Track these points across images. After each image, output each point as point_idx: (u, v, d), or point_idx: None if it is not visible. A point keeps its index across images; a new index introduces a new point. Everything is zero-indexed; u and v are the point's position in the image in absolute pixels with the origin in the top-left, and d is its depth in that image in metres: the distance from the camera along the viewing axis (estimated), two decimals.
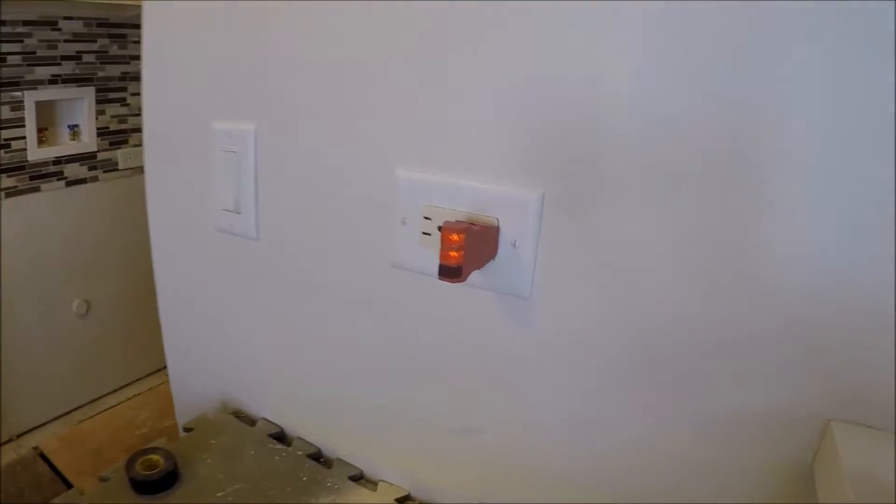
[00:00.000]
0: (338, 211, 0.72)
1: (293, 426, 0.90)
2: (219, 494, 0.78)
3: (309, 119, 0.72)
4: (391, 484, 0.81)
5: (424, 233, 0.63)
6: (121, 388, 3.03)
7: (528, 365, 0.64)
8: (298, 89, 0.72)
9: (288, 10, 0.70)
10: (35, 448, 2.64)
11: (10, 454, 2.59)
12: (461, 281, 0.53)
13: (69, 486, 2.46)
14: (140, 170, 2.87)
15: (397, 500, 0.79)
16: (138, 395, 3.01)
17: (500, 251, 0.59)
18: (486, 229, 0.57)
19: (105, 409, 2.91)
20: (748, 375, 0.54)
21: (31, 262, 2.59)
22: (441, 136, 0.62)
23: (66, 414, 2.84)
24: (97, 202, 2.74)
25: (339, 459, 0.85)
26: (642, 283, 0.55)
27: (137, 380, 3.10)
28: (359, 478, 0.83)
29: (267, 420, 0.93)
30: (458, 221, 0.58)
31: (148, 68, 0.89)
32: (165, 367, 3.04)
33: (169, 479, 0.79)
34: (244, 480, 0.80)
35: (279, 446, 0.87)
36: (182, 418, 1.11)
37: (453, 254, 0.52)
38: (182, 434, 0.94)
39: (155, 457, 0.81)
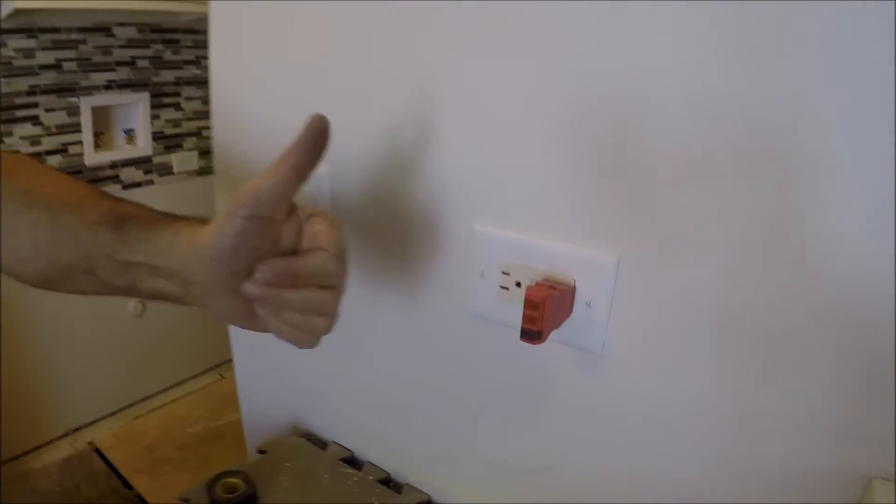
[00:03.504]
0: (416, 257, 0.77)
1: (364, 451, 0.96)
2: None
3: (383, 167, 0.77)
4: None
5: (503, 287, 0.68)
6: (173, 386, 3.13)
7: (595, 413, 0.69)
8: (374, 139, 0.76)
9: (369, 68, 0.75)
10: (90, 443, 2.75)
11: (66, 448, 2.71)
12: (541, 343, 0.58)
13: (124, 481, 2.57)
14: (195, 173, 2.97)
15: None
16: (190, 393, 3.11)
17: (575, 310, 0.64)
18: (564, 292, 0.62)
19: (158, 407, 3.02)
20: (797, 434, 0.58)
21: None
22: (519, 194, 0.67)
23: (120, 410, 2.96)
24: (152, 205, 2.83)
25: (408, 485, 0.91)
26: (710, 346, 0.59)
27: (190, 378, 3.20)
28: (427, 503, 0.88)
29: (338, 444, 0.98)
30: (539, 285, 0.62)
31: (217, 119, 0.94)
32: (217, 367, 3.11)
33: (248, 501, 0.84)
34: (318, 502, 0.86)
35: (351, 471, 0.92)
36: (251, 438, 1.17)
37: (535, 318, 0.56)
38: (255, 455, 0.99)
39: (234, 480, 0.87)
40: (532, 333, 0.57)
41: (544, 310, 0.56)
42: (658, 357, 0.63)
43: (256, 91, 0.88)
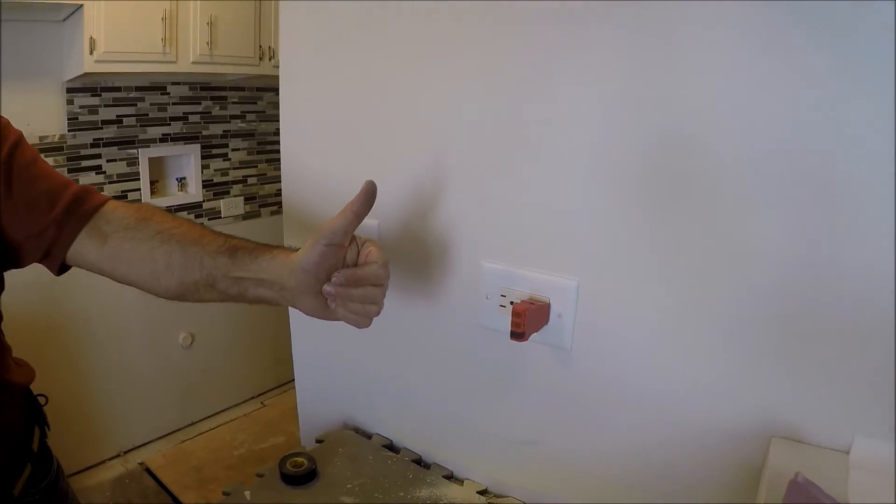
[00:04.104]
0: (440, 285, 1.08)
1: (401, 439, 1.25)
2: (348, 486, 1.10)
3: (418, 220, 1.07)
4: (474, 481, 1.14)
5: (501, 305, 0.98)
6: (219, 412, 3.43)
7: (569, 395, 0.98)
8: (411, 200, 1.07)
9: (410, 148, 1.06)
10: (141, 463, 3.03)
11: (119, 468, 2.99)
12: (524, 341, 0.87)
13: (174, 498, 2.83)
14: (241, 217, 3.29)
15: (478, 492, 1.11)
16: (235, 419, 3.39)
17: (550, 320, 0.93)
18: (541, 306, 0.91)
19: (205, 432, 3.31)
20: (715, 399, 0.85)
21: (144, 298, 2.98)
22: (513, 240, 0.97)
23: (169, 434, 3.25)
24: None
25: (435, 463, 1.19)
26: (647, 339, 0.88)
27: (235, 405, 3.49)
28: (450, 476, 1.16)
29: (380, 435, 1.27)
30: (522, 301, 0.92)
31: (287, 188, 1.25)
32: (259, 396, 3.39)
33: (311, 475, 1.11)
34: (366, 477, 1.13)
35: (390, 453, 1.20)
36: (306, 434, 1.45)
37: (519, 322, 0.86)
38: (313, 444, 1.27)
39: (300, 459, 1.14)
40: (517, 334, 0.86)
41: (525, 317, 0.85)
42: (609, 350, 0.92)
43: (317, 155, 1.21)
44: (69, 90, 2.67)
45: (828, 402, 0.78)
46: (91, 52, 2.44)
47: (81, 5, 2.37)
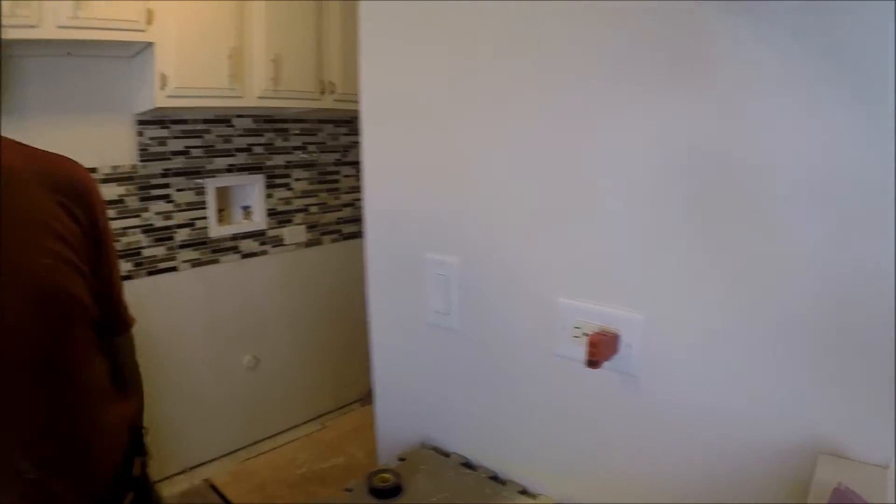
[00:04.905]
0: (518, 319, 1.21)
1: (478, 458, 1.38)
2: (432, 500, 1.23)
3: (497, 259, 1.21)
4: (547, 496, 1.26)
5: (575, 336, 1.11)
6: (282, 432, 3.59)
7: (637, 417, 1.10)
8: (491, 240, 1.21)
9: (483, 187, 1.19)
10: (206, 480, 3.18)
11: (183, 484, 3.16)
12: (598, 368, 0.99)
13: None
14: (303, 245, 3.46)
15: None
16: (297, 439, 3.54)
17: (620, 349, 1.06)
18: (612, 337, 1.04)
19: (268, 451, 3.46)
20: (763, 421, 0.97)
21: (211, 322, 3.18)
22: (587, 279, 1.10)
23: (232, 452, 3.41)
24: (267, 272, 3.35)
25: (510, 480, 1.31)
26: (702, 372, 1.00)
27: (297, 426, 3.65)
28: (524, 492, 1.28)
29: (458, 454, 1.40)
30: (596, 333, 1.05)
31: (371, 220, 1.39)
32: (319, 417, 3.53)
33: (397, 490, 1.24)
34: (447, 492, 1.25)
35: (468, 471, 1.33)
36: (383, 452, 1.59)
37: (594, 352, 0.98)
38: (395, 461, 1.40)
39: (386, 475, 1.27)
40: (592, 362, 0.99)
41: (599, 347, 0.98)
42: (673, 376, 1.04)
43: (397, 194, 1.36)
44: (139, 122, 2.87)
45: (874, 418, 0.86)
46: (162, 88, 2.63)
47: (152, 43, 2.56)
